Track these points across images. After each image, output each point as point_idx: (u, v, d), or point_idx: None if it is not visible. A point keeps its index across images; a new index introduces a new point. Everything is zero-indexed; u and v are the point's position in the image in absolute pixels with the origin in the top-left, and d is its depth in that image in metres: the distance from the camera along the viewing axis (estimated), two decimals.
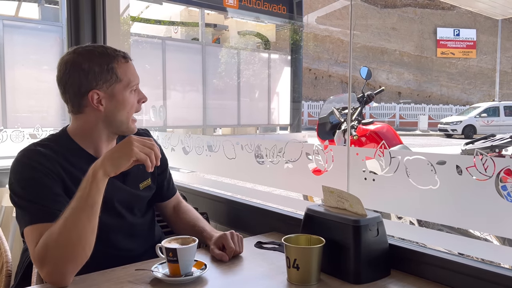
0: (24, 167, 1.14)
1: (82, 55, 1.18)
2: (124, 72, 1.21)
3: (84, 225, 1.02)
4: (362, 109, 3.22)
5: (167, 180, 1.46)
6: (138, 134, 1.37)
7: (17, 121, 3.15)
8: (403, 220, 2.19)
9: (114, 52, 1.22)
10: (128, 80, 1.21)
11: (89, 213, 1.02)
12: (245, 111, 11.11)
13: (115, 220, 1.26)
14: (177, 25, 12.44)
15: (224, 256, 1.21)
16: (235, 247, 1.24)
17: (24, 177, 1.13)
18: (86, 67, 1.17)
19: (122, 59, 1.22)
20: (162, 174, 1.44)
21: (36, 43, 3.47)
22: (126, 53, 1.25)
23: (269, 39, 13.34)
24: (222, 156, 1.88)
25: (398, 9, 28.61)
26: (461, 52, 28.60)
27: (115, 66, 1.19)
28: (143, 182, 1.34)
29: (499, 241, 1.96)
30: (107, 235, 1.21)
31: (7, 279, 1.23)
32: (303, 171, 1.53)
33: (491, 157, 1.03)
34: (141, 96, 1.27)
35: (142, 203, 1.36)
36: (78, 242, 1.02)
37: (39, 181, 1.11)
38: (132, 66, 1.25)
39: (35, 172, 1.12)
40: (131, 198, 1.30)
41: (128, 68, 1.23)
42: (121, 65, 1.21)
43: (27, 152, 1.16)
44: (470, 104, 22.88)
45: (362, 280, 1.07)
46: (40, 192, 1.10)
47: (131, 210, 1.31)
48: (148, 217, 1.38)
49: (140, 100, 1.27)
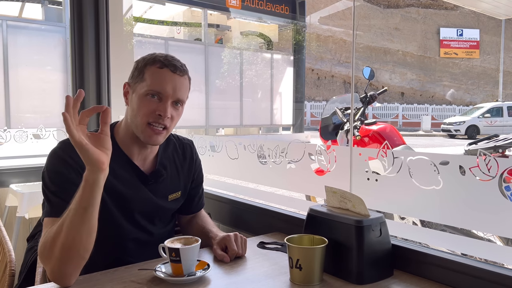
0: (57, 159, 1.16)
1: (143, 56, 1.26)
2: (151, 75, 1.20)
3: (77, 227, 1.01)
4: (365, 110, 3.22)
5: (198, 195, 1.47)
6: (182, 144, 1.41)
7: (20, 121, 3.16)
8: (406, 220, 2.19)
9: (157, 57, 1.22)
10: (149, 84, 1.19)
11: (83, 216, 1.01)
12: (247, 112, 11.11)
13: (134, 229, 1.27)
14: (180, 26, 12.47)
15: (225, 257, 1.21)
16: (238, 249, 1.23)
17: (55, 169, 1.15)
18: (135, 64, 1.26)
19: (158, 64, 1.21)
20: (196, 189, 1.45)
21: (39, 44, 3.48)
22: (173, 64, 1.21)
23: (272, 40, 13.34)
24: (225, 156, 1.89)
25: (401, 9, 28.55)
26: (464, 52, 28.51)
27: (148, 67, 1.21)
28: (172, 194, 1.35)
29: (503, 242, 1.95)
30: (124, 243, 1.23)
31: (11, 278, 1.24)
32: (305, 171, 1.53)
33: (494, 157, 1.03)
34: (159, 108, 1.19)
35: (166, 215, 1.37)
36: (72, 244, 1.01)
37: (67, 176, 1.13)
38: (164, 74, 1.20)
39: (65, 166, 1.14)
40: (155, 209, 1.31)
41: (158, 74, 1.20)
42: (154, 69, 1.21)
43: (64, 145, 1.18)
44: (473, 104, 22.81)
45: (365, 280, 1.07)
46: (65, 187, 1.12)
47: (152, 221, 1.31)
48: (168, 228, 1.39)
49: (157, 111, 1.19)
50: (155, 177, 1.29)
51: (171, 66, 1.21)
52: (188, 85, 1.27)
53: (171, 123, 1.23)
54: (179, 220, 1.48)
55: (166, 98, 1.20)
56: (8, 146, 2.67)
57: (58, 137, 2.80)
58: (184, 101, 1.26)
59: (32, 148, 2.72)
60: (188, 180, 1.41)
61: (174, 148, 1.39)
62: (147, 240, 1.29)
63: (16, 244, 2.26)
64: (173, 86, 1.20)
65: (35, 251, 1.28)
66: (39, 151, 2.74)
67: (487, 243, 1.38)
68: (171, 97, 1.20)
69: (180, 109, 1.25)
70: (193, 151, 1.44)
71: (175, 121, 1.25)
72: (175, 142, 1.41)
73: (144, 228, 1.29)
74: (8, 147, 2.67)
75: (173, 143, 1.40)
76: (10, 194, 2.38)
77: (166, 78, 1.20)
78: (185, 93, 1.25)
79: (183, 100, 1.25)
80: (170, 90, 1.20)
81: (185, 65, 1.27)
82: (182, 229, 1.48)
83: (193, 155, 1.43)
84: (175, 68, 1.21)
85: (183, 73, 1.23)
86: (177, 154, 1.39)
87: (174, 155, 1.37)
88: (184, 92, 1.24)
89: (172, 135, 1.41)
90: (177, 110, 1.24)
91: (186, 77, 1.25)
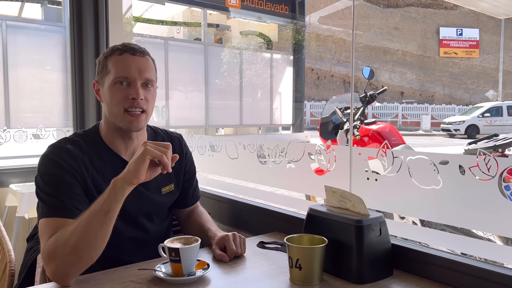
0: (49, 162, 1.17)
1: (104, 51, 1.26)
2: (113, 64, 1.21)
3: (95, 230, 1.02)
4: (365, 109, 3.22)
5: (193, 187, 1.46)
6: (171, 137, 1.40)
7: (20, 121, 3.16)
8: (405, 220, 2.19)
9: (115, 47, 1.23)
10: (114, 72, 1.20)
11: (102, 219, 1.02)
12: (247, 111, 11.11)
13: (128, 227, 1.26)
14: (179, 25, 12.46)
15: (224, 257, 1.21)
16: (237, 248, 1.23)
17: (48, 172, 1.15)
18: (97, 61, 1.26)
19: (117, 52, 1.21)
20: (189, 181, 1.44)
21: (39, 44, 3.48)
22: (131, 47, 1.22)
23: (272, 39, 13.33)
24: (225, 156, 1.89)
25: (400, 8, 28.55)
26: (464, 51, 28.51)
27: (109, 58, 1.22)
28: (165, 187, 1.35)
29: (502, 241, 1.95)
30: (119, 242, 1.22)
31: (11, 278, 1.24)
32: (305, 171, 1.53)
33: (494, 157, 1.03)
34: (130, 92, 1.19)
35: (162, 210, 1.36)
36: (86, 246, 1.02)
37: (61, 178, 1.14)
38: (125, 59, 1.20)
39: (58, 169, 1.15)
40: (151, 205, 1.31)
41: (119, 61, 1.20)
42: (114, 57, 1.21)
43: (55, 148, 1.19)
44: (473, 104, 22.81)
45: (364, 280, 1.07)
46: (60, 188, 1.13)
47: (147, 217, 1.31)
48: (165, 224, 1.39)
49: (129, 95, 1.19)
50: None
51: (130, 50, 1.22)
52: (152, 65, 1.27)
53: (148, 104, 1.23)
54: (178, 217, 1.48)
55: (134, 81, 1.20)
56: (7, 146, 2.67)
57: (58, 136, 2.79)
58: (154, 81, 1.26)
59: (32, 148, 2.72)
60: (180, 173, 1.40)
61: (162, 141, 1.39)
62: (143, 238, 1.29)
63: (15, 244, 2.26)
64: (137, 67, 1.21)
65: (35, 251, 1.28)
66: (38, 151, 2.73)
67: (486, 242, 1.38)
68: (138, 78, 1.21)
69: (152, 89, 1.25)
70: (182, 144, 1.44)
71: (151, 103, 1.25)
72: (163, 135, 1.41)
73: (139, 226, 1.29)
74: (8, 147, 2.67)
75: (161, 136, 1.40)
76: (9, 194, 2.38)
77: (129, 62, 1.21)
78: (152, 73, 1.25)
79: (152, 79, 1.25)
80: (136, 72, 1.20)
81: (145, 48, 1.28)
82: (181, 226, 1.48)
83: (183, 148, 1.43)
84: (134, 50, 1.22)
85: (143, 53, 1.24)
86: None
87: None
88: (150, 72, 1.24)
89: (160, 130, 1.42)
90: (150, 91, 1.24)
91: (148, 58, 1.26)
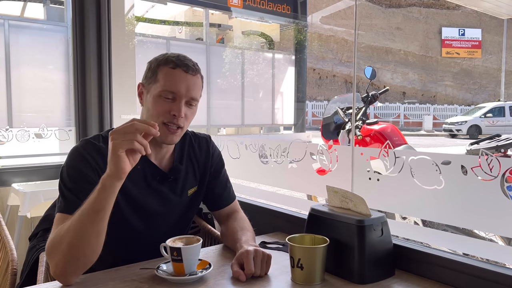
0: (77, 156, 1.17)
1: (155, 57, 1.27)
2: (164, 75, 1.21)
3: (86, 229, 1.02)
4: (367, 109, 3.22)
5: (220, 188, 1.42)
6: (198, 139, 1.41)
7: (22, 120, 3.17)
8: (407, 220, 2.19)
9: (170, 58, 1.23)
10: (163, 84, 1.20)
11: (93, 218, 1.01)
12: (249, 111, 11.09)
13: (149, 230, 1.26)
14: (181, 25, 12.47)
15: (240, 275, 1.07)
16: (255, 268, 1.09)
17: (74, 165, 1.16)
18: (148, 65, 1.27)
19: (170, 64, 1.22)
20: (214, 181, 1.41)
21: (41, 43, 3.48)
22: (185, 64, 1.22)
23: (273, 39, 13.33)
24: (226, 155, 1.89)
25: (403, 8, 28.52)
26: (466, 52, 28.47)
27: (161, 68, 1.22)
28: (191, 188, 1.35)
29: (504, 242, 1.95)
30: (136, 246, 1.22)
31: (13, 277, 1.24)
32: (307, 171, 1.53)
33: (496, 157, 1.03)
34: (173, 108, 1.19)
35: (187, 211, 1.36)
36: (78, 244, 1.02)
37: (85, 175, 1.14)
38: (177, 74, 1.21)
39: (85, 165, 1.15)
40: (173, 208, 1.31)
41: (171, 75, 1.21)
42: (167, 69, 1.21)
43: (87, 143, 1.20)
44: (475, 104, 22.77)
45: (366, 280, 1.07)
46: (81, 184, 1.12)
47: (167, 222, 1.31)
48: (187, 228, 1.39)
49: (171, 111, 1.19)
50: (174, 173, 1.30)
51: (183, 66, 1.22)
52: (200, 84, 1.28)
53: (186, 122, 1.24)
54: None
55: (180, 98, 1.21)
56: (10, 145, 2.68)
57: (60, 136, 2.80)
58: (198, 100, 1.27)
59: (34, 148, 2.73)
60: (205, 174, 1.40)
61: (190, 143, 1.39)
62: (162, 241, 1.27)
63: (18, 243, 2.26)
64: (186, 86, 1.21)
65: (37, 250, 1.29)
66: (41, 151, 2.74)
67: (488, 243, 1.38)
68: (184, 96, 1.21)
69: (194, 108, 1.27)
70: (209, 145, 1.43)
71: (189, 120, 1.27)
72: (191, 137, 1.41)
73: (159, 231, 1.28)
74: (10, 146, 2.68)
75: (189, 138, 1.40)
76: (12, 193, 2.38)
77: (179, 78, 1.21)
78: (198, 92, 1.27)
79: (197, 99, 1.26)
80: (184, 90, 1.21)
81: (197, 63, 1.28)
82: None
83: (210, 149, 1.42)
84: (188, 68, 1.22)
85: (195, 72, 1.24)
86: (193, 149, 1.39)
87: (189, 150, 1.38)
88: (197, 91, 1.25)
89: (188, 131, 1.42)
90: (191, 109, 1.26)
91: (198, 76, 1.26)
